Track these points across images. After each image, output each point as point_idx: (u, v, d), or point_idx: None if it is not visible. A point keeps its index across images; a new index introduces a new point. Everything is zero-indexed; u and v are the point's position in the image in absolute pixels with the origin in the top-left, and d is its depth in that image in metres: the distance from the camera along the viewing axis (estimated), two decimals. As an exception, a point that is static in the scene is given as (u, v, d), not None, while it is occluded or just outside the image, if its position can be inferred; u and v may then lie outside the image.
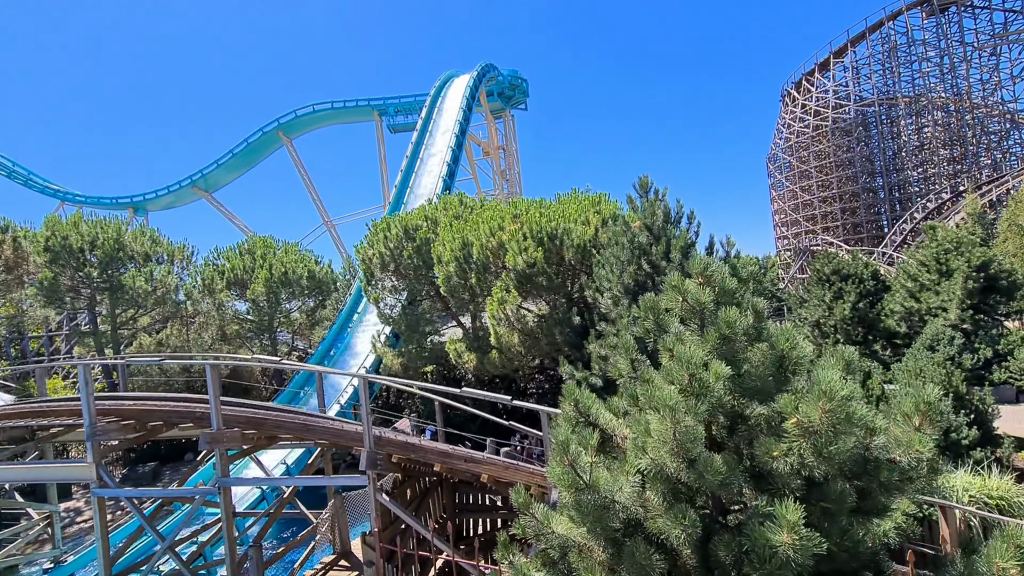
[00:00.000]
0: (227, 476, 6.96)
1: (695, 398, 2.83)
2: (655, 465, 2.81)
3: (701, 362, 2.90)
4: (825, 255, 21.88)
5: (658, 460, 2.80)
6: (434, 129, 30.00)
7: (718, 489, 2.71)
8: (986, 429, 11.09)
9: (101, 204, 42.48)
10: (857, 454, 2.91)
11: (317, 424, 6.99)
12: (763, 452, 2.69)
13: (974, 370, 16.07)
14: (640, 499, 2.95)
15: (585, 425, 3.44)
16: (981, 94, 50.95)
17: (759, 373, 2.94)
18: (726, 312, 3.01)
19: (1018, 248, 23.28)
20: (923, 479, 2.82)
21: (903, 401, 2.91)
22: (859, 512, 2.84)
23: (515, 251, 11.63)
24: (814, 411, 2.54)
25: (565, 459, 2.88)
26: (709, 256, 9.62)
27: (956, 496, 8.42)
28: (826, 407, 2.51)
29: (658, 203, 9.51)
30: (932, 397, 2.82)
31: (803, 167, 56.16)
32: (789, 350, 2.96)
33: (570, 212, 12.05)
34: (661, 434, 2.69)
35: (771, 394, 2.90)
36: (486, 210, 14.07)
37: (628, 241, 9.31)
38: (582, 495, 2.88)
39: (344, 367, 19.06)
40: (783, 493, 2.69)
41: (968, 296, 17.20)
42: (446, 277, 13.25)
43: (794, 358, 2.97)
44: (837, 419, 2.52)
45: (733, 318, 2.98)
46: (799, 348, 3.00)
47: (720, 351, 3.06)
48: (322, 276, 20.72)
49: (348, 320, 20.91)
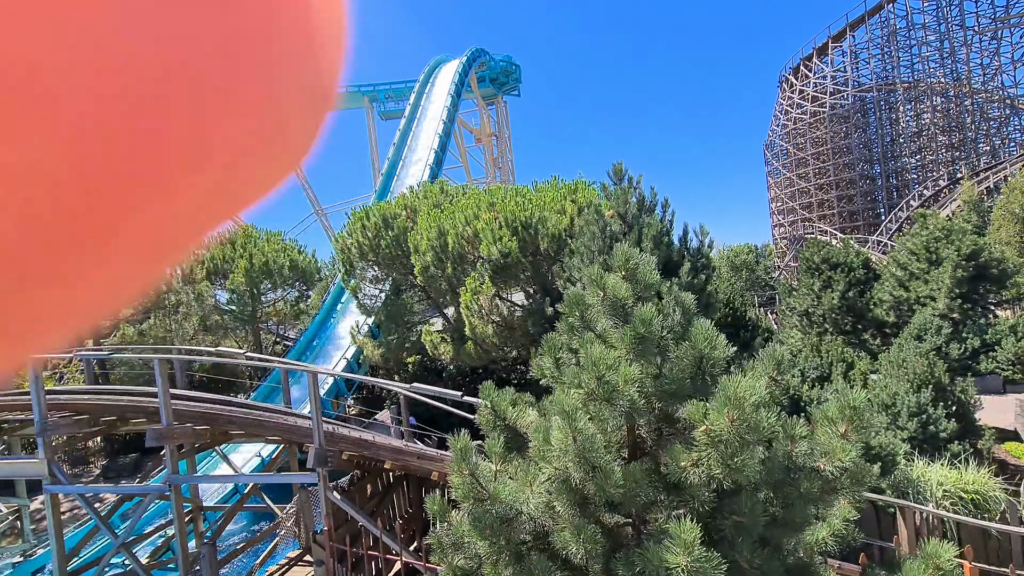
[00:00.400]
0: (178, 473, 6.78)
1: (604, 403, 2.61)
2: (559, 475, 2.60)
3: (612, 363, 2.67)
4: (814, 243, 21.62)
5: (561, 470, 2.59)
6: (422, 116, 29.51)
7: (623, 501, 2.50)
8: (967, 421, 10.93)
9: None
10: (777, 463, 2.70)
11: (269, 420, 6.80)
12: (673, 462, 2.48)
13: (961, 360, 15.91)
14: (549, 510, 2.75)
15: (503, 429, 3.23)
16: (981, 79, 50.30)
17: (675, 376, 2.72)
18: (642, 309, 2.78)
19: (1012, 236, 23.00)
20: (847, 489, 2.61)
21: (829, 406, 2.68)
22: (781, 524, 2.64)
23: (489, 241, 11.37)
24: (721, 420, 2.32)
25: (464, 468, 2.67)
26: (683, 245, 9.37)
27: (930, 490, 8.27)
28: (733, 416, 2.29)
29: (631, 190, 9.24)
30: (859, 402, 2.60)
31: (800, 154, 55.58)
32: (708, 350, 2.73)
33: (546, 200, 11.77)
34: (561, 442, 2.48)
35: (690, 398, 2.69)
36: (463, 199, 13.79)
37: (599, 230, 9.06)
38: (482, 507, 2.67)
39: (327, 357, 18.88)
40: (694, 506, 2.49)
41: (957, 285, 16.98)
42: (423, 267, 13.00)
43: (714, 359, 2.74)
44: (744, 428, 2.30)
45: (649, 316, 2.74)
46: (719, 348, 2.77)
47: (639, 351, 2.84)
48: (305, 265, 20.46)
49: (332, 310, 20.68)
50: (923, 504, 8.14)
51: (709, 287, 8.75)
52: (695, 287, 8.08)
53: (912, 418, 9.76)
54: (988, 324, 16.35)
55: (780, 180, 58.93)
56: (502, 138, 43.10)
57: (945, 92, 51.26)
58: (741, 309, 22.83)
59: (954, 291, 16.87)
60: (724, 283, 24.10)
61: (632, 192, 9.37)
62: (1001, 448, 11.96)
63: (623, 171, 9.74)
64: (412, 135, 28.50)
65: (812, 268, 21.01)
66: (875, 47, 52.82)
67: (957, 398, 11.25)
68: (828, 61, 54.89)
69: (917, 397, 10.03)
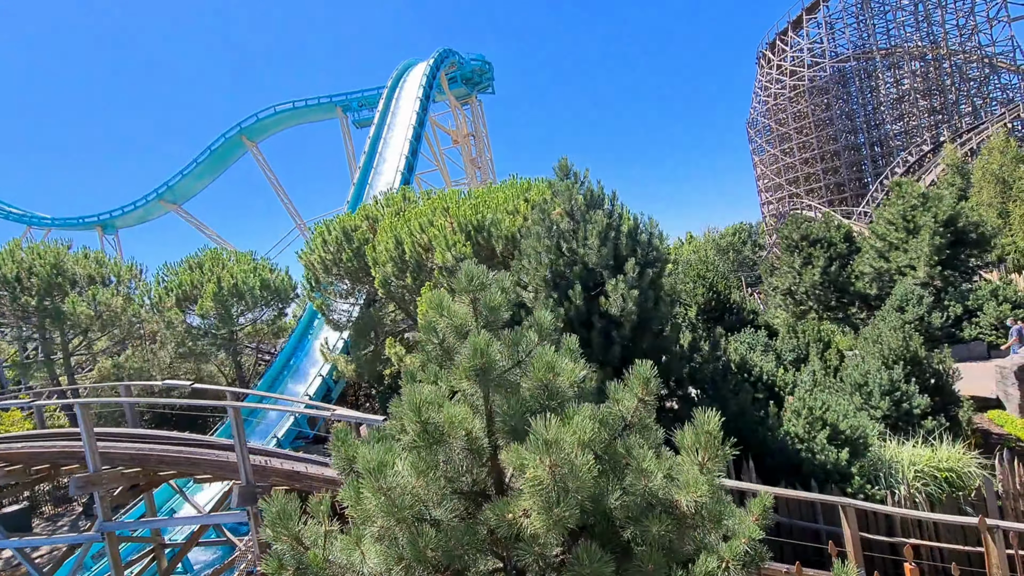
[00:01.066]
0: (110, 520, 6.50)
1: (427, 447, 2.32)
2: (385, 533, 2.31)
3: (434, 403, 2.38)
4: (792, 220, 21.31)
5: (387, 527, 2.30)
6: (392, 123, 29.14)
7: (448, 562, 2.21)
8: (946, 393, 10.64)
9: (68, 225, 41.68)
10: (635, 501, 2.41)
11: (201, 458, 6.51)
12: (495, 516, 2.18)
13: (944, 328, 15.62)
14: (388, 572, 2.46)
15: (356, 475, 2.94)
16: (958, 40, 49.82)
17: (514, 411, 2.42)
18: (476, 337, 2.48)
19: (992, 197, 22.70)
20: (705, 528, 2.32)
21: (684, 432, 2.39)
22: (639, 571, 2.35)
23: (442, 247, 11.06)
24: (540, 467, 2.03)
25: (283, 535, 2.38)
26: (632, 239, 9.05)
27: (902, 471, 7.99)
28: (548, 461, 2.00)
29: (576, 186, 8.93)
30: (714, 427, 2.30)
31: (782, 129, 55.18)
32: (549, 377, 2.43)
33: (499, 201, 11.47)
34: (371, 500, 2.19)
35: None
36: (419, 205, 13.48)
37: (545, 230, 8.75)
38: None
39: (304, 375, 18.61)
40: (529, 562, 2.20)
41: (936, 252, 16.68)
42: (383, 279, 12.70)
43: (556, 388, 2.45)
44: (566, 475, 2.01)
45: (483, 344, 2.45)
46: (564, 374, 2.47)
47: (481, 384, 2.54)
48: (279, 283, 20.14)
49: (309, 327, 20.40)
50: (896, 486, 7.88)
51: (662, 280, 8.45)
52: (643, 283, 7.78)
53: (885, 396, 9.48)
54: (970, 290, 16.06)
55: (765, 157, 58.54)
56: (479, 137, 42.73)
57: (923, 56, 50.80)
58: (725, 292, 22.58)
59: (933, 259, 16.58)
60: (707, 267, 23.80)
61: (577, 188, 9.06)
62: (984, 417, 11.68)
63: (568, 167, 9.43)
64: (383, 142, 28.14)
65: (791, 245, 20.72)
66: (850, 16, 52.33)
67: (935, 370, 10.97)
68: (804, 34, 54.43)
69: (889, 374, 9.74)
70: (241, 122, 39.71)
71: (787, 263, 20.29)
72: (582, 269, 8.24)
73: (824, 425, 8.34)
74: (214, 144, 39.88)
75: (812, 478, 7.86)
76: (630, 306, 7.64)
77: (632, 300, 7.62)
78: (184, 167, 40.52)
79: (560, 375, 2.47)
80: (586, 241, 8.43)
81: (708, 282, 22.61)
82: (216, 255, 19.49)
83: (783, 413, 8.89)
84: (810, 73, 52.79)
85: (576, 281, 8.24)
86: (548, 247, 8.72)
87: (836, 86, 52.67)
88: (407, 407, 2.33)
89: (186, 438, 7.52)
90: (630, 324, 7.75)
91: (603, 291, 7.96)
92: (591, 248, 8.31)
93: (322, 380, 16.66)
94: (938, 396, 10.74)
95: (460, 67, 39.88)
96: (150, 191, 41.20)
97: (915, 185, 18.29)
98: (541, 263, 8.41)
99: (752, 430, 8.85)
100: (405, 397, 2.37)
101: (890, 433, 9.15)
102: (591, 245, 8.31)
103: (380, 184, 25.74)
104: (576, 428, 2.09)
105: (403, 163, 25.32)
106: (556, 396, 2.38)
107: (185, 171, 40.48)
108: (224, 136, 39.76)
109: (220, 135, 39.78)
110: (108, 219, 41.70)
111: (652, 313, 7.98)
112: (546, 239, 8.67)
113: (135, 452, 6.71)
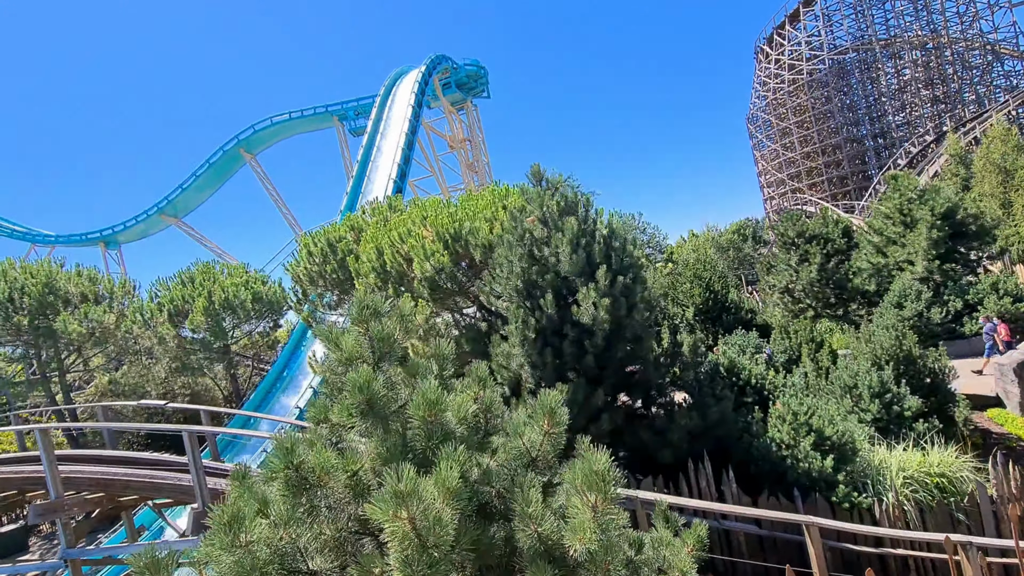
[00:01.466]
0: (73, 548, 6.41)
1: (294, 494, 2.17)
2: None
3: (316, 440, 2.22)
4: (788, 217, 20.97)
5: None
6: (385, 130, 29.13)
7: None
8: (941, 393, 10.32)
9: (71, 242, 42.11)
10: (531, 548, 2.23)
11: (164, 482, 6.41)
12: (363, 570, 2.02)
13: (944, 324, 15.25)
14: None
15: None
16: (959, 27, 49.11)
17: (393, 454, 2.26)
18: (354, 373, 2.32)
19: (994, 187, 22.22)
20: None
21: (574, 470, 2.21)
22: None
23: (420, 257, 10.92)
24: (397, 519, 1.86)
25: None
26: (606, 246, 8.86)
27: (890, 477, 7.71)
28: (406, 514, 1.83)
29: (547, 192, 8.76)
30: (603, 465, 2.13)
31: (782, 124, 54.65)
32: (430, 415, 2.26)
33: (477, 209, 11.32)
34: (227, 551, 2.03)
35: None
36: (402, 214, 13.35)
37: (517, 238, 8.58)
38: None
39: (297, 387, 18.55)
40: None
41: (934, 246, 16.31)
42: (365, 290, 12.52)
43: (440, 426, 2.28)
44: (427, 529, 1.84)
45: (364, 379, 2.29)
46: (453, 410, 2.30)
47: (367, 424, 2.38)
48: (271, 296, 20.12)
49: (302, 338, 20.35)
50: (884, 494, 7.60)
51: (637, 287, 8.23)
52: (615, 290, 7.58)
53: (874, 399, 9.19)
54: (969, 284, 15.67)
55: (766, 152, 58.01)
56: (476, 142, 42.67)
57: (924, 45, 50.12)
58: (722, 292, 22.27)
59: (931, 253, 16.21)
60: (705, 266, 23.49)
61: (550, 194, 8.89)
62: (983, 416, 11.33)
63: (541, 172, 9.28)
64: (375, 150, 28.13)
65: (788, 243, 20.39)
66: (847, 7, 51.81)
67: (930, 370, 10.65)
68: (801, 27, 53.94)
69: (879, 375, 9.45)
70: (239, 134, 39.94)
71: (784, 261, 19.96)
72: (554, 277, 8.06)
73: (809, 431, 8.07)
74: (212, 157, 40.13)
75: (796, 486, 7.61)
76: (602, 315, 7.44)
77: (604, 308, 7.43)
78: (183, 181, 40.81)
79: (446, 411, 2.30)
80: (558, 249, 8.25)
81: (705, 282, 22.31)
82: (208, 269, 19.51)
83: (769, 418, 8.64)
84: (809, 66, 52.26)
85: (548, 290, 8.06)
86: (520, 255, 8.55)
87: (835, 79, 52.09)
88: (276, 449, 2.18)
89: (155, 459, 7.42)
90: (602, 333, 7.55)
91: (577, 300, 7.77)
92: (563, 256, 8.13)
93: (313, 391, 16.58)
94: (934, 396, 10.43)
95: (454, 73, 39.86)
96: (151, 205, 41.53)
97: (912, 178, 17.92)
98: (513, 272, 8.24)
99: (736, 437, 8.61)
100: (275, 440, 2.22)
101: (880, 437, 8.87)
102: (563, 253, 8.13)
103: (373, 192, 25.72)
104: (440, 477, 1.92)
105: (395, 170, 25.27)
106: (435, 436, 2.21)
107: (185, 185, 40.75)
108: (222, 149, 40.00)
109: (218, 148, 40.04)
110: (110, 235, 42.07)
111: (626, 321, 7.78)
112: (518, 247, 8.50)
113: (99, 477, 6.61)
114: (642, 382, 8.13)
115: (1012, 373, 10.98)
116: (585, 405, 7.53)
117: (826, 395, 10.19)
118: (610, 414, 7.72)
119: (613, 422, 7.72)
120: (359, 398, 2.32)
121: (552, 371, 7.92)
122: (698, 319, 22.36)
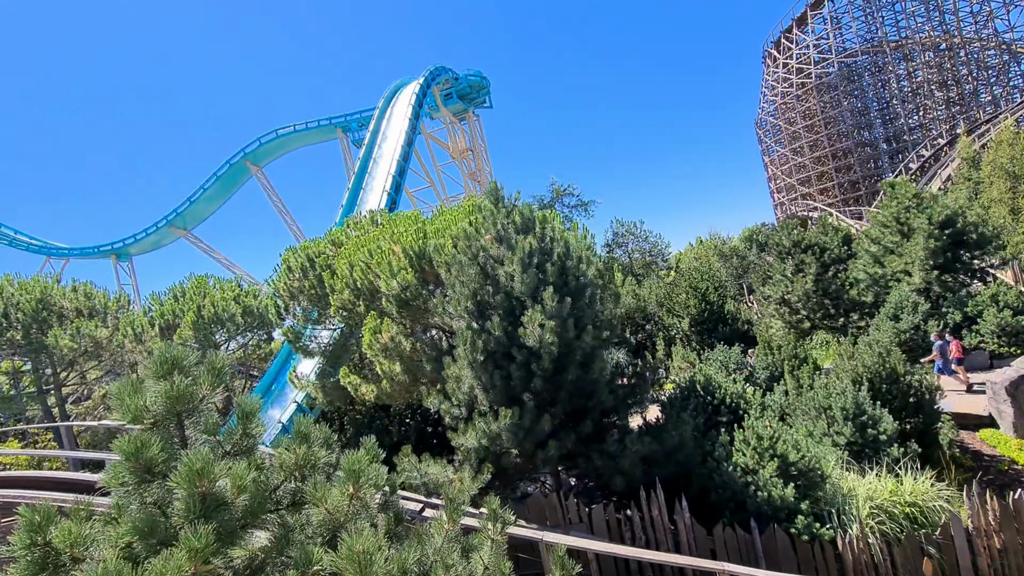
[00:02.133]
0: None
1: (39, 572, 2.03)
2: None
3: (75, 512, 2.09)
4: (784, 226, 20.47)
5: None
6: (383, 142, 29.29)
7: None
8: (926, 413, 9.84)
9: (85, 255, 43.12)
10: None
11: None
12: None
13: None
14: None
15: None
16: (973, 27, 47.91)
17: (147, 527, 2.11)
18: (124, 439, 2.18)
19: (1003, 193, 21.43)
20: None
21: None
22: None
23: (386, 275, 10.82)
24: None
25: None
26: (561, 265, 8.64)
27: (856, 507, 7.32)
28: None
29: (499, 212, 8.61)
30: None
31: (791, 128, 53.80)
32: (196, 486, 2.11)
33: (444, 225, 11.21)
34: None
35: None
36: (375, 230, 13.31)
37: (471, 257, 8.43)
38: None
39: (285, 400, 18.56)
40: None
41: (932, 256, 15.73)
42: (339, 307, 12.52)
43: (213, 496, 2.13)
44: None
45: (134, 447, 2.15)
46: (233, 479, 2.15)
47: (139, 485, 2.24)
48: (262, 310, 20.22)
49: (292, 352, 20.40)
50: (849, 525, 7.22)
51: (591, 308, 8.00)
52: (562, 312, 7.35)
53: (847, 421, 8.78)
54: (968, 296, 15.07)
55: (775, 158, 57.13)
56: (477, 151, 42.74)
57: (937, 46, 48.98)
58: (718, 303, 21.81)
59: (928, 263, 15.64)
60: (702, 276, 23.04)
61: (504, 213, 8.74)
62: (975, 437, 10.78)
63: (498, 190, 9.15)
64: (372, 162, 28.29)
65: (783, 252, 19.89)
66: (856, 9, 50.93)
67: (915, 388, 10.18)
68: (809, 30, 53.18)
69: (855, 396, 9.03)
70: (245, 147, 40.59)
71: (779, 271, 19.48)
72: (504, 298, 7.88)
73: (773, 456, 7.73)
74: (219, 170, 40.83)
75: (756, 516, 7.28)
76: (548, 337, 7.23)
77: (549, 331, 7.22)
78: (192, 193, 41.56)
79: (214, 480, 2.15)
80: (512, 268, 8.08)
81: (701, 292, 21.85)
82: (201, 283, 19.71)
83: (734, 442, 8.30)
84: (817, 70, 51.42)
85: (499, 310, 7.88)
86: (473, 275, 8.40)
87: (845, 82, 51.14)
88: (21, 521, 2.05)
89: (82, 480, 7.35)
90: (549, 356, 7.33)
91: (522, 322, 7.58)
92: (516, 275, 7.95)
93: (296, 406, 16.57)
94: (919, 416, 9.97)
95: (455, 83, 40.04)
96: (160, 218, 42.34)
97: (909, 185, 17.36)
98: (464, 292, 8.09)
99: (698, 461, 8.29)
100: (22, 512, 2.09)
101: (853, 462, 8.46)
102: (513, 272, 7.96)
103: (369, 203, 25.83)
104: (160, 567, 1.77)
105: (390, 182, 25.36)
106: (192, 511, 2.06)
107: (193, 197, 41.49)
108: (229, 163, 40.68)
109: (225, 161, 40.73)
110: (122, 247, 42.98)
111: (575, 344, 7.55)
112: (470, 267, 8.35)
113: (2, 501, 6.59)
114: (595, 406, 7.87)
115: (1003, 392, 10.45)
116: (532, 430, 7.32)
117: (802, 415, 9.80)
118: (559, 439, 7.48)
119: (563, 447, 7.48)
120: (132, 463, 2.18)
121: (502, 394, 7.73)
122: (694, 330, 21.90)
